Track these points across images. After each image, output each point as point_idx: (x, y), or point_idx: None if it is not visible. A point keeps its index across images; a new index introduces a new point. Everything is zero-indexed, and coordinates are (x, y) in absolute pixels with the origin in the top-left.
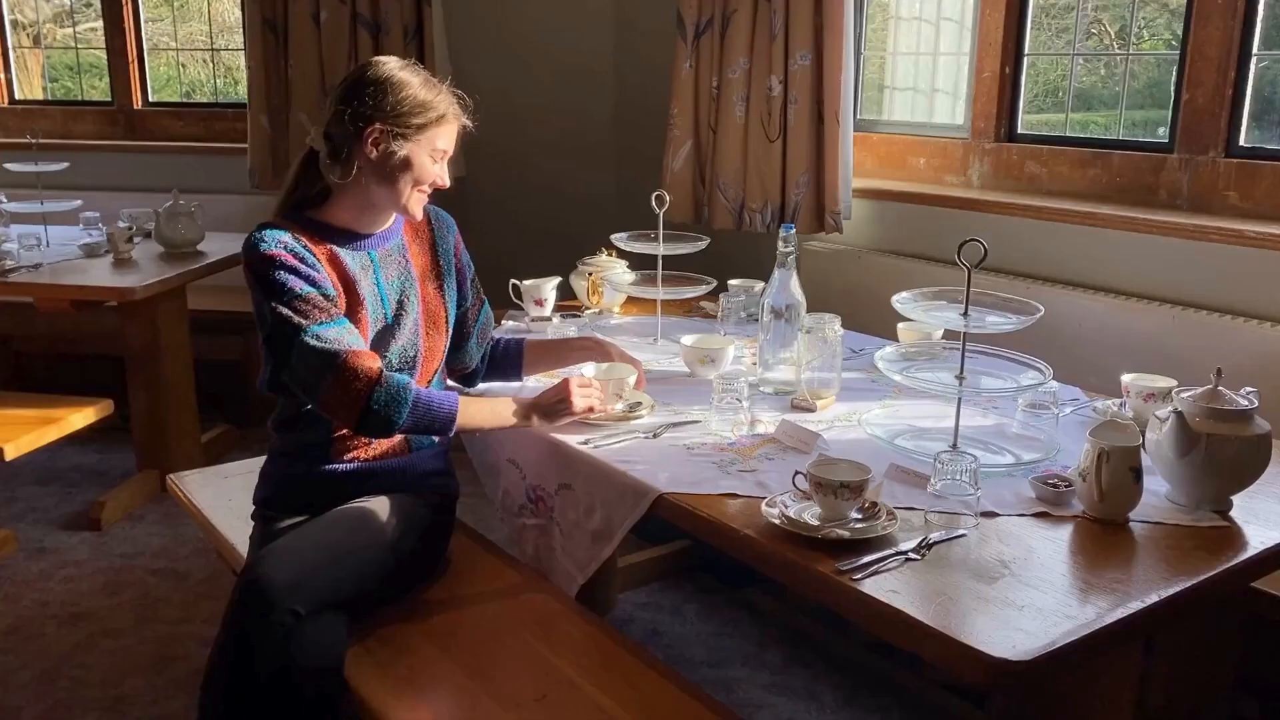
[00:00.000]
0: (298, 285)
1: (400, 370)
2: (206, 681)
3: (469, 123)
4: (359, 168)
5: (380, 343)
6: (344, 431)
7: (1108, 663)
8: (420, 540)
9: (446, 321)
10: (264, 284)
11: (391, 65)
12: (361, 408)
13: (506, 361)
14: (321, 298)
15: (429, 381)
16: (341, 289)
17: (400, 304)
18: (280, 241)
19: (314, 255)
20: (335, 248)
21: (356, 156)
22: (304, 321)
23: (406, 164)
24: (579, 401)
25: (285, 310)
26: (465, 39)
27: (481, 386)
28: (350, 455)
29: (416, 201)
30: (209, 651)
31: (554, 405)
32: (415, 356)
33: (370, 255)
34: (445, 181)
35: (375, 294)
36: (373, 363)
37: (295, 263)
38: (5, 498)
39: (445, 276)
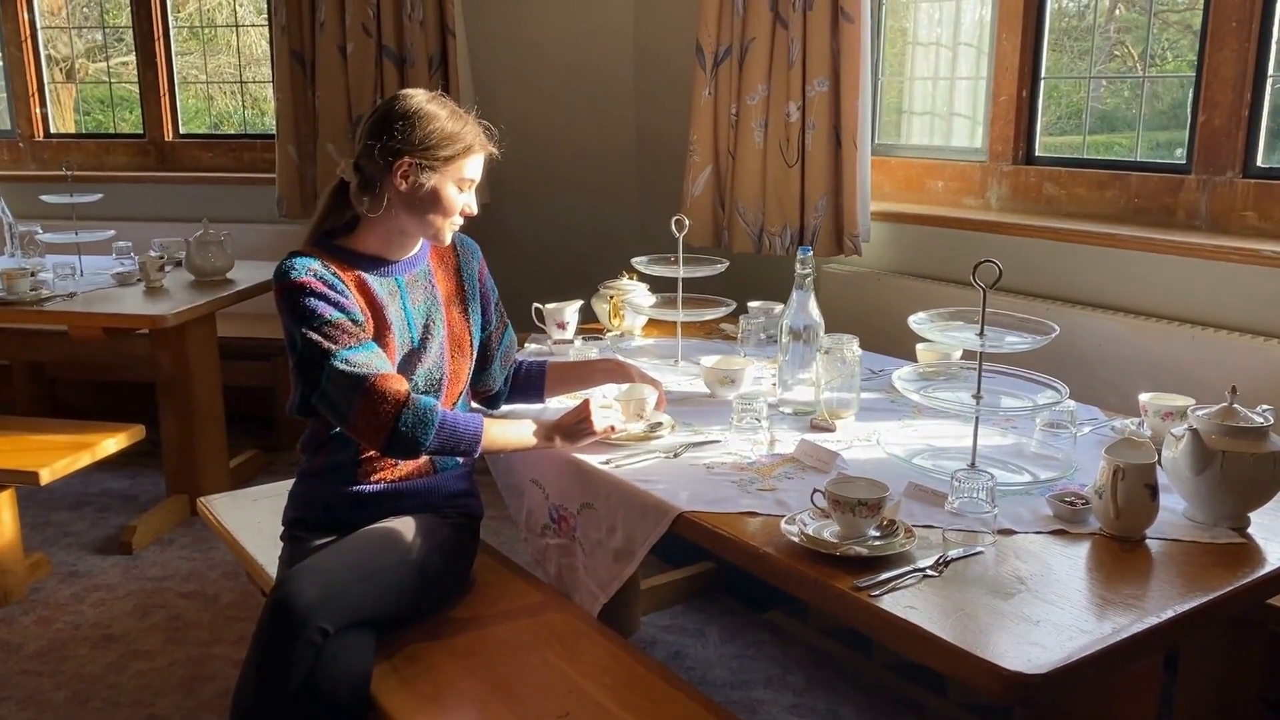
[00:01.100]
0: (327, 311)
1: (426, 393)
2: (237, 697)
3: (495, 151)
4: (389, 199)
5: (407, 366)
6: (371, 453)
7: (1128, 678)
8: (445, 559)
9: (471, 345)
10: (294, 310)
11: (419, 98)
12: (389, 430)
13: (529, 384)
14: (350, 323)
15: (454, 404)
16: (369, 314)
17: (426, 328)
18: (310, 269)
19: (342, 282)
20: (363, 274)
21: (387, 189)
22: (333, 346)
23: (435, 194)
24: (600, 422)
25: (315, 336)
26: (489, 69)
27: (505, 408)
28: (377, 476)
29: (447, 229)
30: (239, 670)
31: (576, 426)
32: (441, 379)
33: (397, 281)
34: (473, 209)
35: (402, 319)
36: (400, 386)
37: (324, 289)
38: (39, 522)
39: (470, 301)
